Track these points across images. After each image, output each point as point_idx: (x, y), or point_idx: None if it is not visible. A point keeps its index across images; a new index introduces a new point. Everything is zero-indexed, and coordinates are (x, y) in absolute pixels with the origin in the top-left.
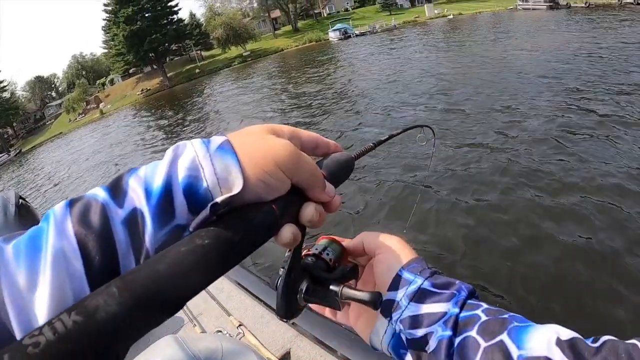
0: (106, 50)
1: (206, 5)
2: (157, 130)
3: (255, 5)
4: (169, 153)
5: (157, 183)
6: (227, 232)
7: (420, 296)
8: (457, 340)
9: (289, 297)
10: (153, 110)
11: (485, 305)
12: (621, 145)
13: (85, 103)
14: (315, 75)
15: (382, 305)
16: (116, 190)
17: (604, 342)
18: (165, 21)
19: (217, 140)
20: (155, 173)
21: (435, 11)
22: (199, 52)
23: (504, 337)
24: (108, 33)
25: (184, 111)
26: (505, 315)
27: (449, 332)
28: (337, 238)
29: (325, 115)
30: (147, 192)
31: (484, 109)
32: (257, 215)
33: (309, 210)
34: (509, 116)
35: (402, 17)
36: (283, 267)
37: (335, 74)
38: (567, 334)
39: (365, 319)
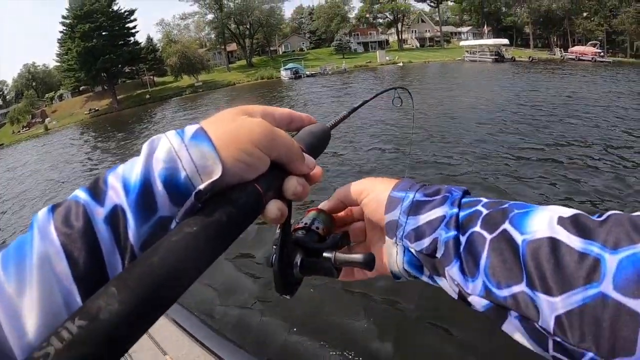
0: (59, 64)
1: (163, 32)
2: (103, 153)
3: (212, 36)
4: (144, 148)
5: (135, 178)
6: (214, 217)
7: (415, 208)
8: (464, 238)
9: (285, 273)
10: (100, 132)
11: (484, 200)
12: (546, 186)
13: (30, 116)
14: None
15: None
16: (96, 189)
17: (609, 216)
18: (121, 42)
19: (190, 129)
20: (132, 169)
21: (387, 58)
22: (151, 77)
23: (506, 225)
24: (63, 46)
25: (133, 136)
26: (505, 205)
27: (453, 232)
28: (324, 209)
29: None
30: (126, 188)
31: (427, 153)
32: (241, 196)
33: (292, 184)
34: (447, 159)
35: (355, 61)
36: (275, 245)
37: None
38: (568, 212)
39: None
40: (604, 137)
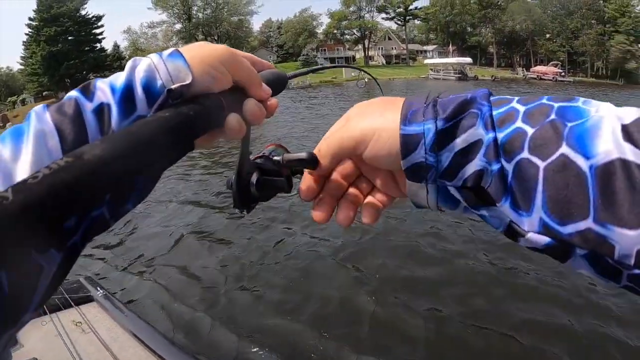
0: (23, 67)
1: (130, 40)
2: None
3: (180, 46)
4: (128, 63)
5: (120, 83)
6: (184, 108)
7: (441, 141)
8: (510, 166)
9: (242, 189)
10: None
11: (514, 103)
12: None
13: None
14: None
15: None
16: (86, 90)
17: None
18: (87, 48)
19: (168, 50)
20: (118, 77)
21: (352, 74)
22: None
23: (564, 149)
24: (28, 49)
25: None
26: (552, 116)
27: (496, 165)
28: (283, 145)
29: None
30: (112, 89)
31: None
32: (207, 100)
33: (250, 104)
34: None
35: (320, 76)
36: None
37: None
38: (628, 114)
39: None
40: None
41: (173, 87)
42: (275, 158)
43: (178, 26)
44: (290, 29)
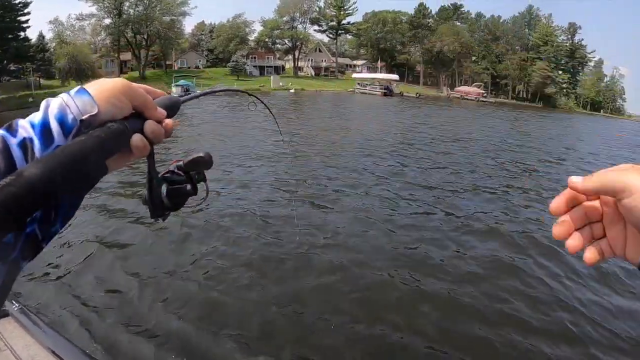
0: None
1: (56, 31)
2: None
3: (107, 42)
4: (42, 104)
5: (38, 119)
6: (95, 133)
7: None
8: None
9: (155, 201)
10: None
11: None
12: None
13: None
14: None
15: None
16: (10, 127)
17: None
18: (10, 36)
19: (75, 88)
20: (35, 115)
21: (280, 83)
22: (38, 78)
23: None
24: None
25: None
26: None
27: None
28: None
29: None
30: (32, 125)
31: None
32: (113, 125)
33: (149, 125)
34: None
35: (248, 83)
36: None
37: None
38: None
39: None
40: (468, 159)
41: (83, 117)
42: (178, 164)
43: (107, 21)
44: (222, 33)
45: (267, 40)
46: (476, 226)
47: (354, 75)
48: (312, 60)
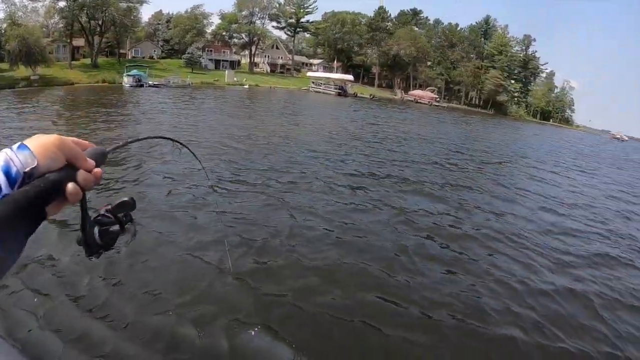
0: None
1: (7, 11)
2: None
3: (61, 26)
4: None
5: None
6: (35, 184)
7: None
8: None
9: (88, 240)
10: None
11: None
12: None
13: None
14: (103, 117)
15: None
16: None
17: None
18: None
19: (16, 144)
20: None
21: (235, 78)
22: None
23: None
24: None
25: None
26: None
27: None
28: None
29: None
30: None
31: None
32: (51, 175)
33: (80, 174)
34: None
35: (203, 77)
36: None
37: (122, 120)
38: None
39: None
40: (414, 158)
41: (26, 170)
42: (107, 207)
43: (62, 3)
44: (179, 24)
45: (224, 33)
46: (414, 218)
47: (309, 73)
48: (268, 56)
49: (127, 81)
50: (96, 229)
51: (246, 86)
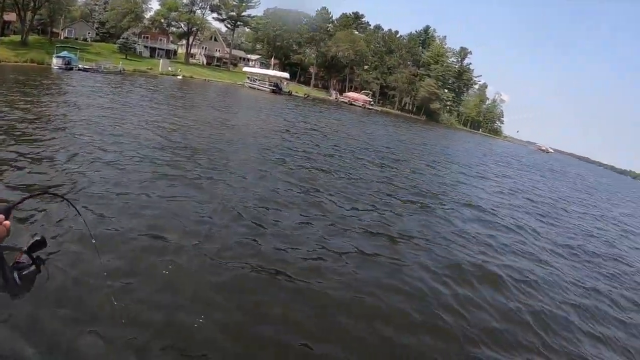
0: None
1: None
2: None
3: None
4: None
5: None
6: None
7: None
8: None
9: (9, 286)
10: None
11: None
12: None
13: None
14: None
15: None
16: None
17: None
18: None
19: None
20: None
21: (169, 68)
22: None
23: None
24: None
25: None
26: None
27: None
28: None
29: (24, 143)
30: None
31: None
32: None
33: None
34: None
35: (137, 64)
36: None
37: (48, 105)
38: None
39: None
40: (337, 156)
41: None
42: (23, 251)
43: None
44: (116, 6)
45: (163, 20)
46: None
47: (245, 68)
48: (206, 48)
49: (55, 63)
50: (16, 274)
51: (180, 77)
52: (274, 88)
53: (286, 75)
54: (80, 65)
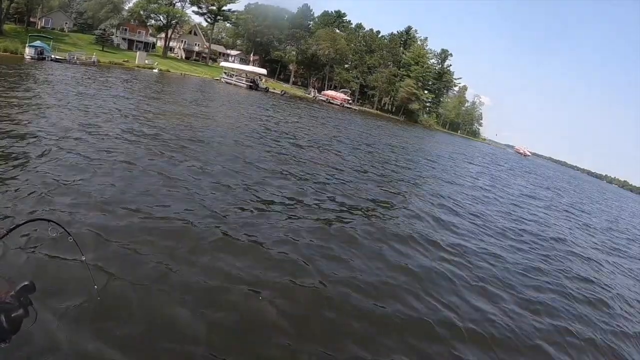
0: None
1: None
2: None
3: None
4: None
5: None
6: None
7: None
8: None
9: None
10: None
11: None
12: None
13: None
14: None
15: None
16: None
17: None
18: None
19: None
20: None
21: (146, 61)
22: None
23: None
24: None
25: None
26: None
27: None
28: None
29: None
30: None
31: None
32: None
33: None
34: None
35: (113, 56)
36: None
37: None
38: None
39: None
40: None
41: None
42: (10, 294)
43: None
44: None
45: (142, 12)
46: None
47: (223, 63)
48: (185, 42)
49: (28, 52)
50: (2, 317)
51: (156, 70)
52: (251, 84)
53: (263, 71)
54: (52, 56)
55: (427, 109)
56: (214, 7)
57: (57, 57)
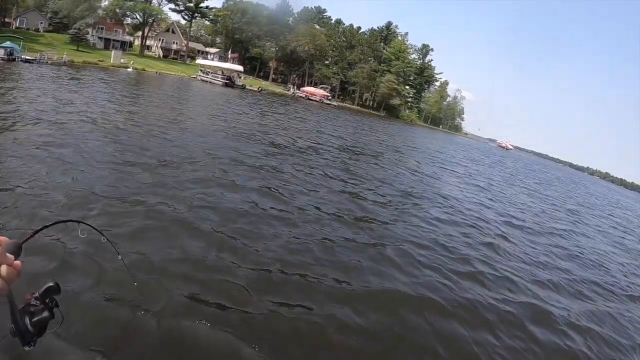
0: None
1: None
2: None
3: None
4: None
5: None
6: None
7: None
8: None
9: (22, 332)
10: None
11: None
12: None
13: None
14: None
15: None
16: None
17: None
18: None
19: None
20: None
21: (122, 60)
22: None
23: None
24: None
25: None
26: None
27: None
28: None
29: None
30: None
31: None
32: None
33: (3, 269)
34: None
35: (88, 55)
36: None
37: None
38: None
39: None
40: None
41: None
42: (35, 295)
43: None
44: None
45: (118, 10)
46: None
47: (198, 61)
48: (163, 40)
49: None
50: (27, 319)
51: (130, 69)
52: (227, 81)
53: (240, 68)
54: (23, 56)
55: (409, 104)
56: (192, 4)
57: (28, 57)
